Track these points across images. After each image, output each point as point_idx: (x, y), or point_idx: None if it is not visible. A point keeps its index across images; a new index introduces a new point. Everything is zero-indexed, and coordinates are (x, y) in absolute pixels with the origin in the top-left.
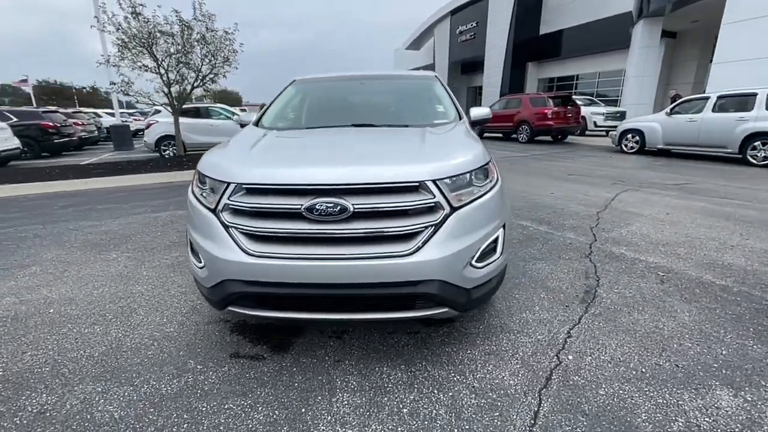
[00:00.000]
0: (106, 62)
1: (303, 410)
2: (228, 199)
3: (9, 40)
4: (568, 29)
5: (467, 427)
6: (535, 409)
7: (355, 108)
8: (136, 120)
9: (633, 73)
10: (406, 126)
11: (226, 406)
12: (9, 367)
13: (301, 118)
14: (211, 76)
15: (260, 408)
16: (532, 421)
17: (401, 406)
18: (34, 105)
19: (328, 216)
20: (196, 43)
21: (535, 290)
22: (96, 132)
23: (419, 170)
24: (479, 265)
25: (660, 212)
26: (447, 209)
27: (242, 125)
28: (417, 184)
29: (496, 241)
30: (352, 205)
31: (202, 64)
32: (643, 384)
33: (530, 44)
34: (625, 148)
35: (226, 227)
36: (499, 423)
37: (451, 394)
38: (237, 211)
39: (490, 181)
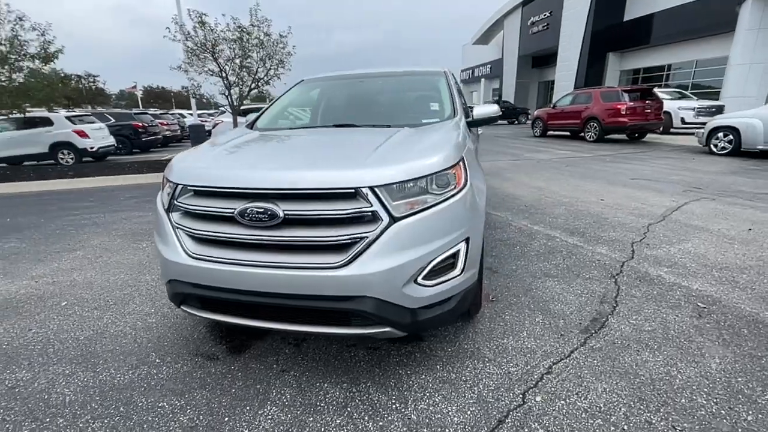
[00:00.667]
0: (178, 68)
1: (226, 419)
2: (176, 200)
3: (126, 50)
4: (659, 12)
5: None
6: None
7: (347, 108)
8: (203, 121)
9: (738, 60)
10: (388, 126)
11: (159, 404)
12: (12, 341)
13: (294, 119)
14: (266, 78)
15: (188, 411)
16: None
17: (323, 430)
18: (140, 107)
19: (258, 222)
20: (253, 47)
21: (531, 312)
22: (179, 131)
23: (357, 176)
24: (428, 283)
25: (733, 228)
26: (386, 220)
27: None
28: (352, 191)
29: (455, 256)
30: (283, 211)
31: (258, 67)
32: None
33: (612, 32)
34: (714, 149)
35: (174, 228)
36: None
37: (381, 423)
38: (183, 213)
39: (452, 189)
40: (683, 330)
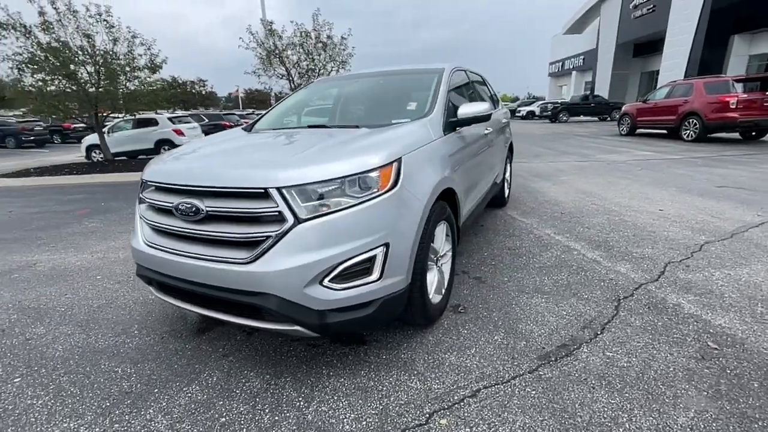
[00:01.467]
0: (252, 73)
1: (155, 390)
2: (141, 193)
3: (233, 56)
4: None
5: None
6: None
7: (332, 109)
8: None
9: None
10: (356, 127)
11: (115, 369)
12: (48, 303)
13: (288, 121)
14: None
15: (133, 378)
16: None
17: (221, 416)
18: (241, 108)
19: (186, 215)
20: (315, 50)
21: (494, 330)
22: None
23: (268, 177)
24: (336, 286)
25: None
26: (291, 220)
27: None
28: (262, 191)
29: (370, 261)
30: (206, 207)
31: (320, 69)
32: None
33: (738, 9)
34: None
35: (139, 218)
36: None
37: (276, 418)
38: (146, 205)
39: (371, 192)
40: (668, 372)
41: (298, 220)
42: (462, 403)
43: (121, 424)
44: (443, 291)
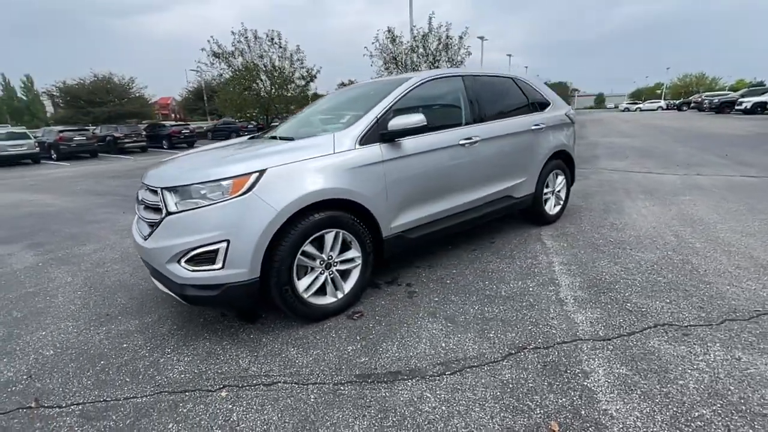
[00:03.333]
0: (379, 76)
1: (109, 356)
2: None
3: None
4: None
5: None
6: None
7: (315, 119)
8: None
9: None
10: (291, 139)
11: (92, 331)
12: (73, 281)
13: (280, 130)
14: None
15: (113, 333)
16: None
17: (161, 357)
18: None
19: (140, 203)
20: (436, 52)
21: (356, 341)
22: None
23: (161, 179)
24: (189, 267)
25: None
26: (164, 212)
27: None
28: (156, 189)
29: (214, 253)
30: (143, 199)
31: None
32: None
33: None
34: None
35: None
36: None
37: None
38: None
39: (220, 197)
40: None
41: (168, 213)
42: (240, 389)
43: None
44: (339, 295)
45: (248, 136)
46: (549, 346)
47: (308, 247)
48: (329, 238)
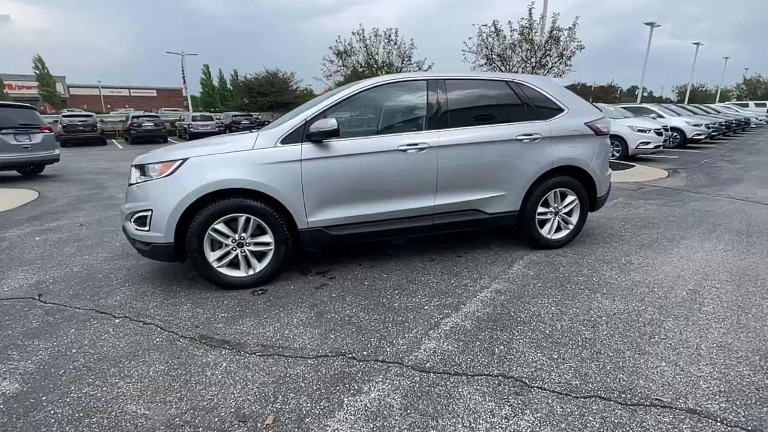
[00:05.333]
0: (491, 70)
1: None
2: None
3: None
4: None
5: None
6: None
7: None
8: None
9: None
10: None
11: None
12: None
13: None
14: (548, 71)
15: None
16: None
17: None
18: None
19: None
20: (546, 45)
21: (241, 315)
22: None
23: (136, 159)
24: (135, 226)
25: None
26: (128, 183)
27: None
28: (132, 166)
29: (145, 218)
30: None
31: (552, 64)
32: None
33: None
34: None
35: None
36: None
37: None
38: None
39: (152, 176)
40: None
41: (129, 184)
42: (135, 321)
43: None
44: (251, 272)
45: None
46: (367, 359)
47: (219, 226)
48: (241, 221)
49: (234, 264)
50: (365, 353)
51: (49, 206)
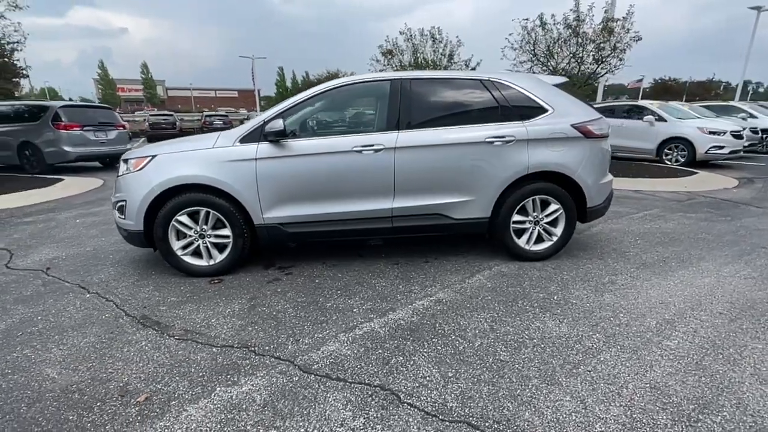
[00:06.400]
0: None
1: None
2: None
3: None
4: None
5: None
6: None
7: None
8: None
9: None
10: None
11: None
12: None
13: None
14: (600, 67)
15: None
16: None
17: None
18: (638, 100)
19: None
20: (601, 36)
21: (185, 302)
22: None
23: (126, 153)
24: (117, 214)
25: None
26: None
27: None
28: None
29: (122, 207)
30: None
31: (607, 57)
32: None
33: None
34: None
35: None
36: None
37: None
38: None
39: (127, 170)
40: None
41: (117, 175)
42: (91, 293)
43: None
44: (212, 262)
45: None
46: (264, 354)
47: (183, 218)
48: (202, 214)
49: (198, 253)
50: (267, 348)
51: (106, 193)
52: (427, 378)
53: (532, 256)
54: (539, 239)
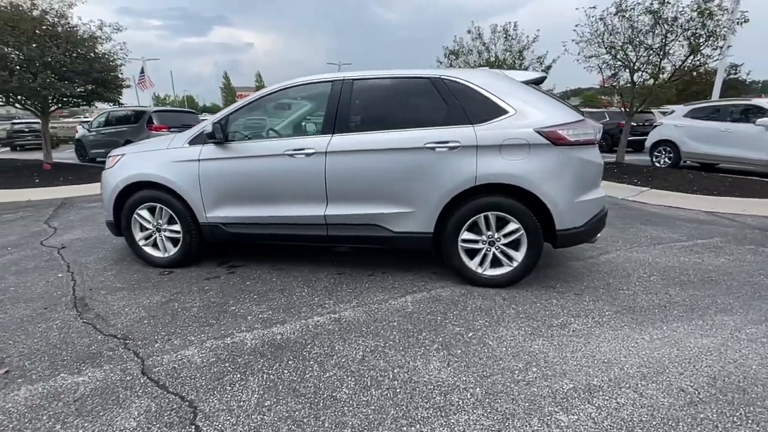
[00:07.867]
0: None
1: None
2: None
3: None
4: None
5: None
6: None
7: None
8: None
9: None
10: None
11: None
12: None
13: None
14: (690, 61)
15: None
16: None
17: None
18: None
19: None
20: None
21: (149, 294)
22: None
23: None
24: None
25: None
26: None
27: None
28: None
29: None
30: None
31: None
32: None
33: None
34: None
35: None
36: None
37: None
38: None
39: (110, 166)
40: None
41: (104, 169)
42: (67, 272)
43: None
44: (165, 254)
45: None
46: (129, 348)
47: (143, 212)
48: (157, 209)
49: (156, 245)
50: (138, 343)
51: None
52: (241, 402)
53: (486, 282)
54: (497, 263)
